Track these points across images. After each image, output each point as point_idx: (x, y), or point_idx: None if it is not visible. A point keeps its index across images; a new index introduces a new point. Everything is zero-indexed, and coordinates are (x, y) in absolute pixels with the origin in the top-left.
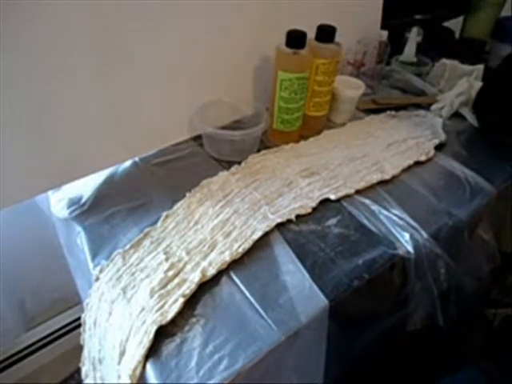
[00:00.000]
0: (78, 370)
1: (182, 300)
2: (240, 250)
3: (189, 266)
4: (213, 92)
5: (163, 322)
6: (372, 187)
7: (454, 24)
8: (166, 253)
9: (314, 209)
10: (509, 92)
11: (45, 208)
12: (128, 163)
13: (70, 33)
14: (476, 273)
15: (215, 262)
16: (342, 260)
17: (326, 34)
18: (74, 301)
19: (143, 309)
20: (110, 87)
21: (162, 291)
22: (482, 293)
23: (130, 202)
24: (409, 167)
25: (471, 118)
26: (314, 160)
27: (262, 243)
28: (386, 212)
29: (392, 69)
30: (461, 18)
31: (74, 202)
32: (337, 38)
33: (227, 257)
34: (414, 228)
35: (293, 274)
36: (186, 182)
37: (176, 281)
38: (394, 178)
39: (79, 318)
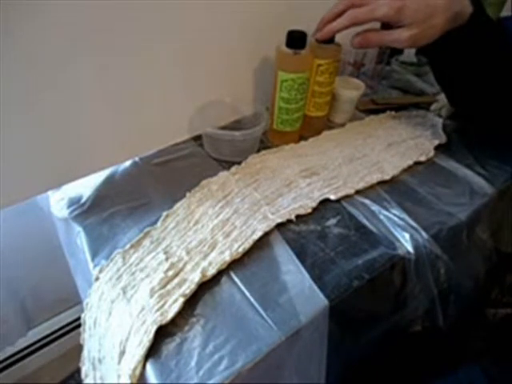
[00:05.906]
0: (78, 370)
1: (181, 300)
2: (240, 249)
3: (189, 266)
4: (213, 92)
5: (163, 322)
6: (372, 187)
7: None
8: (166, 252)
9: (314, 209)
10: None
11: (45, 208)
12: (128, 163)
13: (70, 33)
14: (474, 272)
15: (215, 261)
16: (342, 260)
17: None
18: (74, 301)
19: (143, 308)
20: (109, 87)
21: (162, 291)
22: (482, 292)
23: (130, 202)
24: (409, 167)
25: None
26: (314, 160)
27: (262, 243)
28: (386, 212)
29: (392, 69)
30: None
31: (73, 202)
32: (337, 39)
33: (227, 257)
34: (413, 228)
35: (293, 274)
36: (186, 182)
37: (176, 281)
38: (393, 178)
39: (79, 318)
